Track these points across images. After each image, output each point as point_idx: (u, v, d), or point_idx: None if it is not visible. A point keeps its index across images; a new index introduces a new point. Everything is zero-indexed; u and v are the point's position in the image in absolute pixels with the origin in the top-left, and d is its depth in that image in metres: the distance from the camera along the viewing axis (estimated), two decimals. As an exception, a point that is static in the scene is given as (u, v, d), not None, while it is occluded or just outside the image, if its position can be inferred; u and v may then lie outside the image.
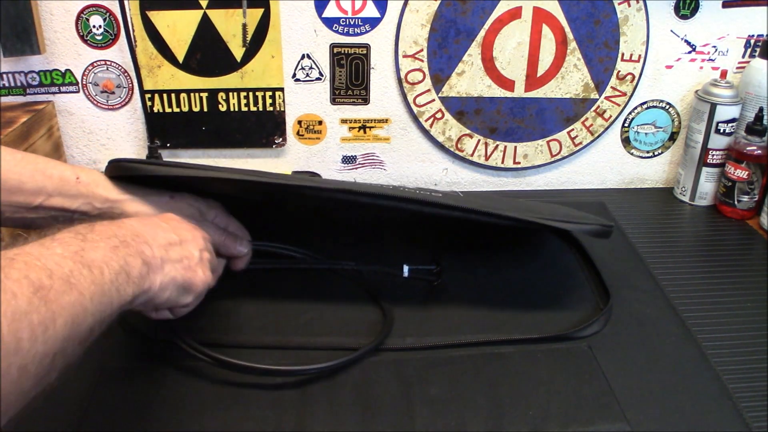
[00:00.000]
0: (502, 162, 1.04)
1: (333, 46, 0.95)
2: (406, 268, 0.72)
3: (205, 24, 0.91)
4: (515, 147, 1.03)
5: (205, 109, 0.97)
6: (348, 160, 1.03)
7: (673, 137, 1.05)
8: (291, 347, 0.64)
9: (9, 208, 0.59)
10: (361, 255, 0.73)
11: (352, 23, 0.93)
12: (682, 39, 0.97)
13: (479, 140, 1.02)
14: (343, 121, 1.00)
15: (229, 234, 0.67)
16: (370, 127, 1.00)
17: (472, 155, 1.03)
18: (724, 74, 0.97)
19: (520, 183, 1.07)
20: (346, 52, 0.95)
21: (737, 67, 0.99)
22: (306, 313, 0.68)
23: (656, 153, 1.06)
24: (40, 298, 0.36)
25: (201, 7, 0.90)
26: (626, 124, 1.03)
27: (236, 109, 0.97)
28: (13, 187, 0.58)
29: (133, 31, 0.91)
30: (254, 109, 0.97)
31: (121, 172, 0.63)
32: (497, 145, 1.02)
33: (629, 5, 0.94)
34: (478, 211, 0.64)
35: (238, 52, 0.93)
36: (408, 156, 1.03)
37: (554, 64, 0.97)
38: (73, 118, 0.97)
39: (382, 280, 0.73)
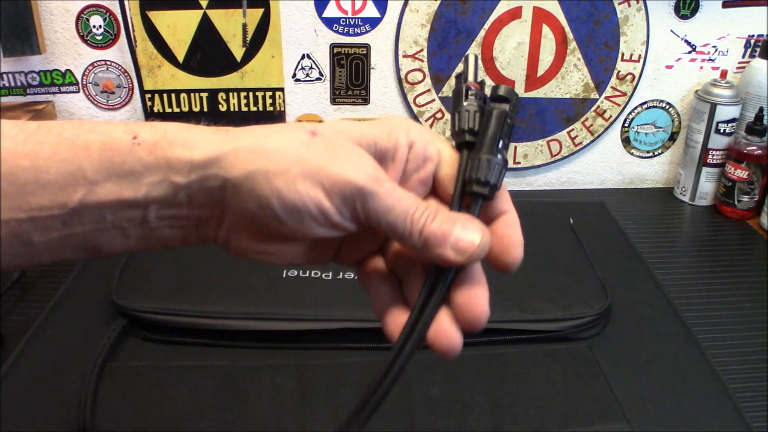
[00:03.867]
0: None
1: (333, 46, 0.95)
2: None
3: (205, 24, 0.91)
4: (515, 147, 1.03)
5: (205, 109, 0.97)
6: (348, 160, 1.03)
7: (673, 137, 1.05)
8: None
9: (29, 226, 0.33)
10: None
11: (352, 23, 0.93)
12: (682, 39, 0.97)
13: (479, 140, 1.02)
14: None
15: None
16: (370, 127, 1.00)
17: (472, 155, 1.03)
18: (724, 74, 0.97)
19: (520, 183, 1.07)
20: (346, 52, 0.95)
21: (737, 67, 0.99)
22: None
23: (656, 153, 1.06)
24: None
25: (201, 7, 0.90)
26: (626, 124, 1.03)
27: (236, 109, 0.97)
28: (24, 181, 0.32)
29: (133, 31, 0.91)
30: (254, 109, 0.97)
31: None
32: (497, 145, 1.02)
33: (629, 5, 0.94)
34: None
35: (238, 52, 0.93)
36: (408, 156, 1.03)
37: (554, 64, 0.97)
38: (73, 118, 0.97)
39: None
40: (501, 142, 0.35)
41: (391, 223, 0.33)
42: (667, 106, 1.02)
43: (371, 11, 0.93)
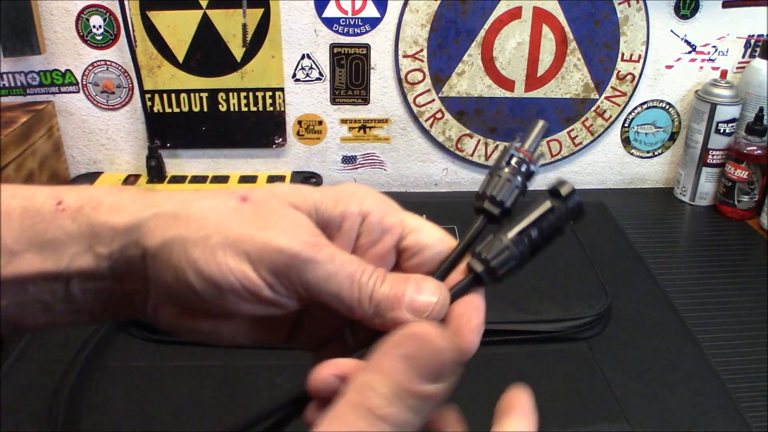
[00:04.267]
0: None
1: (333, 46, 0.95)
2: None
3: (205, 24, 0.91)
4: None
5: (205, 109, 0.97)
6: (348, 160, 1.03)
7: (673, 137, 1.05)
8: None
9: None
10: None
11: (352, 23, 0.93)
12: (682, 39, 0.97)
13: (479, 140, 1.02)
14: (343, 121, 1.00)
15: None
16: (370, 127, 1.00)
17: (472, 155, 1.03)
18: (724, 74, 0.97)
19: (520, 183, 1.07)
20: (346, 52, 0.95)
21: (737, 67, 0.99)
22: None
23: (656, 153, 1.06)
24: None
25: (201, 7, 0.90)
26: (626, 124, 1.03)
27: (236, 109, 0.97)
28: None
29: (133, 31, 0.91)
30: (254, 109, 0.97)
31: None
32: (497, 145, 1.02)
33: (629, 5, 0.94)
34: None
35: (238, 52, 0.93)
36: (408, 156, 1.03)
37: (554, 64, 0.97)
38: (73, 118, 0.97)
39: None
40: (527, 237, 0.30)
41: (334, 292, 0.28)
42: (667, 106, 1.02)
43: (371, 11, 0.93)
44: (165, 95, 0.95)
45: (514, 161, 0.32)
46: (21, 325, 0.31)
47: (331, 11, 0.92)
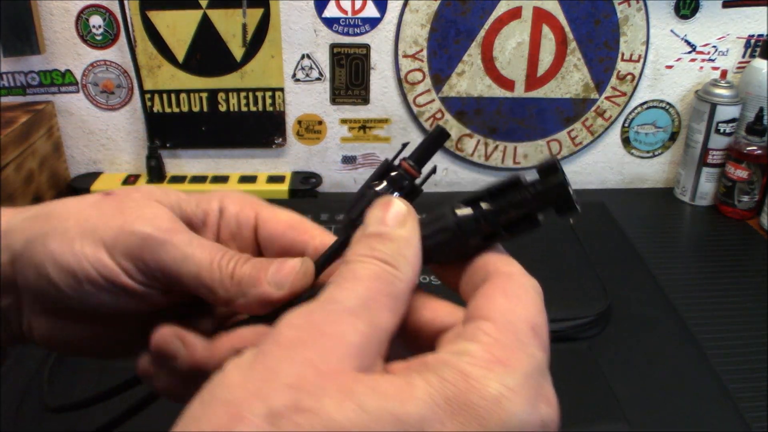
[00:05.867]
0: (502, 162, 1.04)
1: (333, 46, 0.95)
2: None
3: (205, 24, 0.91)
4: (515, 147, 1.03)
5: (205, 109, 0.97)
6: (348, 160, 1.03)
7: (673, 137, 1.05)
8: None
9: None
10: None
11: (352, 23, 0.93)
12: (682, 39, 0.97)
13: (479, 140, 1.02)
14: (343, 121, 1.00)
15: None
16: (370, 127, 1.00)
17: (472, 155, 1.03)
18: (724, 74, 0.97)
19: (520, 183, 1.07)
20: (346, 52, 0.95)
21: (737, 67, 0.99)
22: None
23: (656, 153, 1.06)
24: None
25: (201, 7, 0.90)
26: (626, 124, 1.03)
27: (236, 109, 0.97)
28: None
29: (133, 31, 0.91)
30: (254, 109, 0.97)
31: None
32: (497, 145, 1.02)
33: (629, 5, 0.94)
34: None
35: (238, 52, 0.93)
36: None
37: (554, 64, 0.97)
38: (73, 118, 0.97)
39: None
40: (480, 213, 0.26)
41: (193, 272, 0.28)
42: (667, 106, 1.02)
43: (371, 11, 0.93)
44: (165, 95, 0.95)
45: (389, 176, 0.29)
46: None
47: (331, 11, 0.92)
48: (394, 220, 0.26)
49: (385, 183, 0.29)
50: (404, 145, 0.31)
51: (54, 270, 0.28)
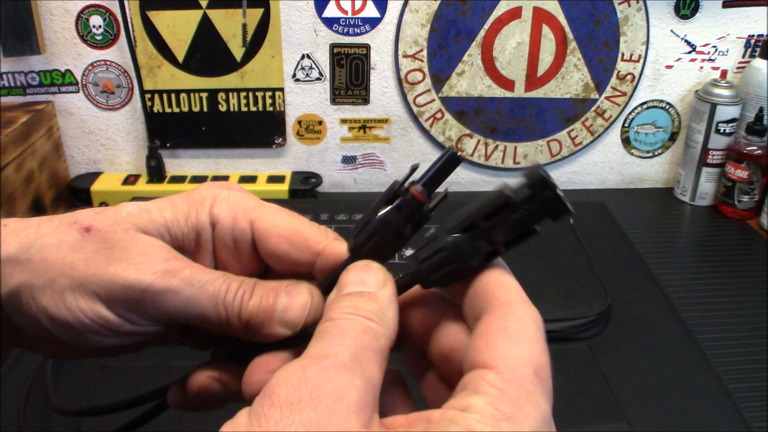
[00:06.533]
0: (502, 162, 1.04)
1: (333, 46, 0.95)
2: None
3: (205, 24, 0.91)
4: (515, 147, 1.03)
5: (205, 109, 0.97)
6: (348, 160, 1.03)
7: (673, 137, 1.05)
8: None
9: None
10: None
11: (352, 23, 0.93)
12: (682, 39, 0.97)
13: (479, 140, 1.02)
14: (343, 121, 1.00)
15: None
16: (370, 127, 1.00)
17: (472, 155, 1.03)
18: (724, 74, 0.97)
19: (520, 183, 1.07)
20: (346, 52, 0.95)
21: (737, 67, 0.99)
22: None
23: (656, 153, 1.06)
24: None
25: (201, 7, 0.90)
26: (626, 124, 1.03)
27: (236, 109, 0.97)
28: None
29: (133, 31, 0.91)
30: (254, 109, 0.97)
31: None
32: (497, 145, 1.02)
33: (629, 5, 0.94)
34: None
35: (238, 52, 0.93)
36: (408, 156, 1.03)
37: (554, 64, 0.97)
38: (73, 118, 0.97)
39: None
40: (478, 236, 0.26)
41: (200, 316, 0.27)
42: (667, 106, 1.02)
43: (371, 11, 0.93)
44: (165, 95, 0.95)
45: (395, 203, 0.28)
46: None
47: (331, 11, 0.92)
48: (375, 283, 0.26)
49: (389, 208, 0.28)
50: (413, 168, 0.29)
51: (50, 324, 0.27)
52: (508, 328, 0.24)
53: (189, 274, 0.27)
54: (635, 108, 1.02)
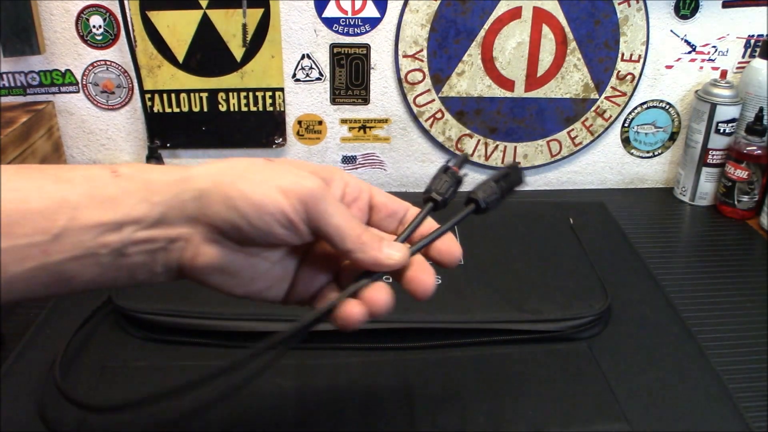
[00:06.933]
0: (502, 162, 1.04)
1: (333, 46, 0.95)
2: None
3: (205, 24, 0.91)
4: (515, 147, 1.03)
5: (205, 109, 0.97)
6: (348, 160, 1.03)
7: (673, 137, 1.05)
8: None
9: (8, 256, 0.33)
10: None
11: (352, 23, 0.93)
12: (682, 39, 0.97)
13: (479, 140, 1.02)
14: (343, 121, 1.00)
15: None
16: (370, 127, 1.00)
17: (472, 155, 1.03)
18: (724, 74, 0.97)
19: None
20: (346, 52, 0.95)
21: (737, 67, 0.99)
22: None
23: (656, 153, 1.06)
24: None
25: (201, 7, 0.90)
26: (626, 124, 1.03)
27: (236, 109, 0.97)
28: (8, 212, 0.33)
29: (133, 31, 0.91)
30: (254, 109, 0.97)
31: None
32: (497, 145, 1.02)
33: (629, 5, 0.94)
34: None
35: (238, 52, 0.93)
36: (408, 156, 1.03)
37: (554, 64, 0.97)
38: (73, 118, 0.97)
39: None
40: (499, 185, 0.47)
41: (335, 224, 0.39)
42: (667, 106, 1.02)
43: (371, 11, 0.93)
44: (165, 95, 0.95)
45: (448, 172, 0.46)
46: (70, 281, 0.36)
47: (331, 11, 0.92)
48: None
49: (446, 175, 0.47)
50: (465, 157, 0.51)
51: (244, 203, 0.36)
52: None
53: (336, 198, 0.41)
54: (635, 108, 1.02)
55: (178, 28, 0.91)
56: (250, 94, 0.96)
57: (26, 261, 0.34)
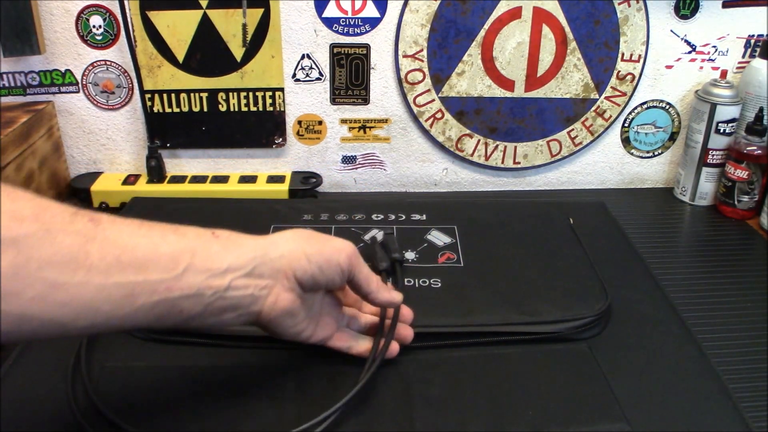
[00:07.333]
0: (502, 162, 1.04)
1: (333, 46, 0.95)
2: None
3: (205, 24, 0.91)
4: (515, 147, 1.03)
5: (205, 109, 0.97)
6: (348, 160, 1.03)
7: (673, 137, 1.05)
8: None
9: (138, 288, 0.42)
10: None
11: (352, 23, 0.93)
12: (682, 39, 0.97)
13: (479, 140, 1.02)
14: (343, 121, 1.00)
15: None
16: (370, 127, 1.00)
17: (472, 155, 1.03)
18: (724, 74, 0.97)
19: (520, 183, 1.07)
20: (346, 52, 0.95)
21: (737, 67, 0.99)
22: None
23: (656, 153, 1.06)
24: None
25: (201, 7, 0.90)
26: (626, 124, 1.03)
27: (236, 109, 0.97)
28: (143, 254, 0.43)
29: (133, 31, 0.91)
30: (254, 109, 0.97)
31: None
32: (497, 145, 1.02)
33: (629, 5, 0.94)
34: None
35: (238, 52, 0.94)
36: (408, 156, 1.03)
37: (554, 64, 0.97)
38: (73, 118, 0.97)
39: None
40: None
41: (365, 283, 0.56)
42: (667, 106, 1.02)
43: (371, 11, 0.93)
44: (165, 95, 0.95)
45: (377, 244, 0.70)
46: (181, 314, 0.45)
47: (331, 11, 0.92)
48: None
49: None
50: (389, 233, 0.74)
51: (319, 258, 0.52)
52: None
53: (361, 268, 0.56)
54: (635, 108, 1.02)
55: (178, 28, 0.91)
56: (250, 94, 0.96)
57: (154, 294, 0.42)
